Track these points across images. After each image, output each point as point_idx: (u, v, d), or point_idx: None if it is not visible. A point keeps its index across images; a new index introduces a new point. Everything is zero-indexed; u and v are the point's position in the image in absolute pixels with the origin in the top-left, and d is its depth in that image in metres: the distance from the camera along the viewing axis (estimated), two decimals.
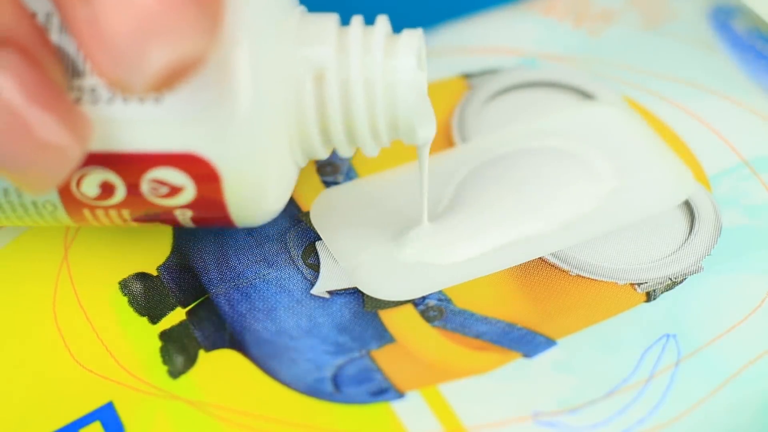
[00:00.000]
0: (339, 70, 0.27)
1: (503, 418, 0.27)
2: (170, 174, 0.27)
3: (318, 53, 0.27)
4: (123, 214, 0.28)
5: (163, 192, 0.27)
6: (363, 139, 0.28)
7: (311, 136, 0.28)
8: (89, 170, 0.27)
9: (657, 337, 0.28)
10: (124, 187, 0.27)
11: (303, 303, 0.30)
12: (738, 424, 0.27)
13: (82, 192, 0.27)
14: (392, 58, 0.27)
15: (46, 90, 0.24)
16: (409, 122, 0.28)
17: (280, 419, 0.27)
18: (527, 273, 0.30)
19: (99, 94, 0.26)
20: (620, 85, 0.34)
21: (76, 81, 0.26)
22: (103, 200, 0.27)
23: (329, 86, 0.27)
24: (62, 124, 0.24)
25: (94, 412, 0.28)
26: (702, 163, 0.32)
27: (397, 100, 0.27)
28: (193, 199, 0.27)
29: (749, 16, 0.35)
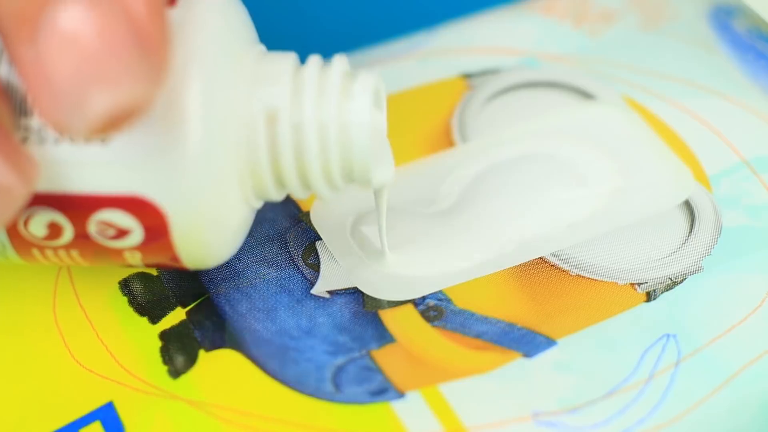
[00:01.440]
0: (292, 112, 0.26)
1: (503, 418, 0.27)
2: (117, 216, 0.26)
3: (271, 93, 0.26)
4: (72, 255, 0.27)
5: (111, 234, 0.27)
6: (316, 183, 0.27)
7: (264, 179, 0.27)
8: (36, 210, 0.26)
9: (657, 337, 0.28)
10: (72, 228, 0.27)
11: (303, 303, 0.30)
12: (738, 424, 0.27)
13: (30, 232, 0.27)
14: (347, 99, 0.27)
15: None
16: (364, 166, 0.27)
17: (280, 419, 0.27)
18: (527, 273, 0.30)
19: (46, 135, 0.25)
20: (620, 85, 0.34)
21: (23, 120, 0.26)
22: (52, 240, 0.27)
23: (281, 128, 0.26)
24: (7, 164, 0.24)
25: (94, 412, 0.28)
26: (702, 163, 0.32)
27: (351, 143, 0.26)
28: (141, 242, 0.27)
29: (749, 16, 0.35)
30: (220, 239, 0.27)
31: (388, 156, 0.28)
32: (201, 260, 0.27)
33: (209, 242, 0.27)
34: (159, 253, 0.27)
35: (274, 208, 0.32)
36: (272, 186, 0.27)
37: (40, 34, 0.23)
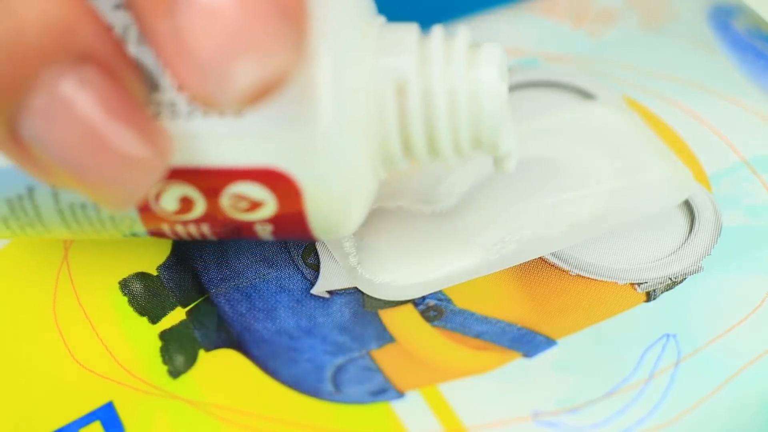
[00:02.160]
0: (421, 81, 0.26)
1: (503, 418, 0.27)
2: (251, 188, 0.26)
3: (399, 64, 0.26)
4: (202, 229, 0.28)
5: (244, 206, 0.27)
6: (445, 151, 0.27)
7: (392, 148, 0.27)
8: (169, 185, 0.26)
9: (657, 337, 0.28)
10: (204, 201, 0.27)
11: (303, 303, 0.30)
12: (738, 424, 0.27)
13: (161, 206, 0.27)
14: (475, 68, 0.27)
15: (126, 105, 0.23)
16: (493, 133, 0.27)
17: (280, 419, 0.27)
18: (527, 273, 0.30)
19: (179, 109, 0.25)
20: (620, 85, 0.34)
21: (154, 95, 0.25)
22: (183, 215, 0.27)
23: (411, 98, 0.26)
24: (143, 139, 0.24)
25: (94, 412, 0.28)
26: (702, 163, 0.32)
27: (481, 111, 0.27)
28: (274, 214, 0.27)
29: (749, 15, 0.35)
30: (351, 209, 0.27)
31: (513, 125, 0.28)
32: (331, 230, 0.27)
33: (341, 212, 0.27)
34: (290, 225, 0.27)
35: None
36: (400, 155, 0.27)
37: (178, 8, 0.22)
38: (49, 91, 0.23)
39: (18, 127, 0.23)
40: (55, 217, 0.27)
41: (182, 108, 0.25)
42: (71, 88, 0.23)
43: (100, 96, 0.23)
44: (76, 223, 0.27)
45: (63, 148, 0.23)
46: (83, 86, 0.23)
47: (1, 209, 0.27)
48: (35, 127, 0.23)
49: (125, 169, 0.24)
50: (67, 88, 0.23)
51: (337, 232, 0.27)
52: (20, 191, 0.27)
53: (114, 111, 0.23)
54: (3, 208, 0.27)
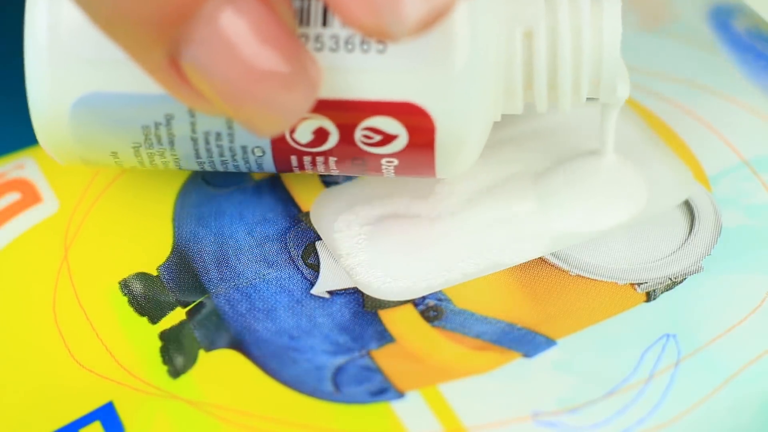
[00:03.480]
0: (548, 28, 0.28)
1: (503, 418, 0.27)
2: (386, 122, 0.27)
3: (527, 11, 0.28)
4: (329, 162, 0.29)
5: (376, 140, 0.28)
6: (563, 95, 0.29)
7: (515, 90, 0.29)
8: (307, 117, 0.27)
9: (657, 337, 0.28)
10: (338, 134, 0.28)
11: (303, 303, 0.30)
12: (738, 424, 0.27)
13: (295, 138, 0.28)
14: (597, 17, 0.28)
15: (282, 34, 0.25)
16: (612, 77, 0.29)
17: (280, 419, 0.27)
18: (527, 273, 0.30)
19: (323, 43, 0.27)
20: None
21: (301, 29, 0.27)
22: (314, 147, 0.28)
23: (537, 41, 0.28)
24: (298, 66, 0.25)
25: (94, 412, 0.28)
26: (702, 163, 0.32)
27: (603, 55, 0.28)
28: (403, 148, 0.28)
29: (749, 16, 0.35)
30: (473, 147, 0.29)
31: (626, 75, 0.30)
32: (453, 168, 0.29)
33: (465, 149, 0.28)
34: (416, 161, 0.28)
35: (274, 208, 0.32)
36: (520, 97, 0.29)
37: None
38: (210, 20, 0.24)
39: (179, 55, 0.24)
40: (188, 146, 0.28)
41: (326, 42, 0.27)
42: (231, 16, 0.24)
43: (258, 24, 0.24)
44: (207, 152, 0.29)
45: (222, 74, 0.24)
46: (242, 15, 0.24)
47: (136, 136, 0.28)
48: (196, 55, 0.24)
49: (279, 95, 0.25)
50: (227, 17, 0.24)
51: (454, 170, 0.29)
52: (158, 119, 0.28)
53: (270, 39, 0.24)
54: (138, 135, 0.28)
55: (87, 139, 0.28)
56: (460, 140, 0.28)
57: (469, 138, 0.28)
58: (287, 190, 0.32)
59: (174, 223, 0.31)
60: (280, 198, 0.32)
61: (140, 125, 0.28)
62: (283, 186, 0.32)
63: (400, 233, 0.31)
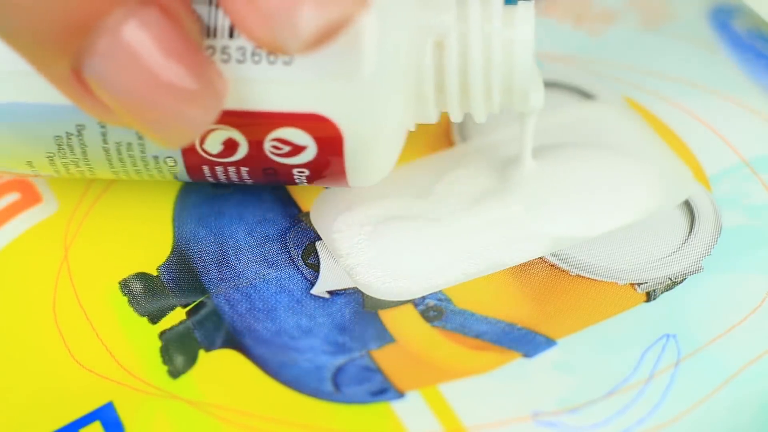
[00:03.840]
0: (459, 37, 0.28)
1: (503, 418, 0.27)
2: (294, 134, 0.27)
3: (439, 20, 0.28)
4: (241, 172, 0.29)
5: (285, 151, 0.28)
6: (476, 103, 0.29)
7: (427, 99, 0.29)
8: (215, 128, 0.27)
9: (657, 337, 0.28)
10: (247, 145, 0.28)
11: (303, 303, 0.30)
12: (738, 424, 0.27)
13: (205, 149, 0.28)
14: (509, 27, 0.28)
15: (186, 47, 0.25)
16: (524, 87, 0.28)
17: (280, 419, 0.27)
18: (527, 273, 0.30)
19: (229, 54, 0.27)
20: (620, 85, 0.34)
21: (207, 41, 0.27)
22: (225, 157, 0.28)
23: (449, 51, 0.28)
24: (202, 78, 0.25)
25: (94, 412, 0.28)
26: (702, 163, 0.32)
27: (514, 65, 0.28)
28: (313, 159, 0.28)
29: (749, 16, 0.35)
30: (385, 157, 0.29)
31: (540, 81, 0.30)
32: (365, 177, 0.29)
33: (375, 159, 0.28)
34: (327, 170, 0.28)
35: (274, 208, 0.32)
36: (433, 107, 0.29)
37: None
38: (113, 32, 0.24)
39: (82, 66, 0.24)
40: (100, 156, 0.29)
41: (233, 53, 0.27)
42: (135, 29, 0.24)
43: (162, 37, 0.24)
44: (120, 162, 0.29)
45: (125, 87, 0.24)
46: (146, 28, 0.24)
47: (49, 146, 0.28)
48: (99, 67, 0.24)
49: (184, 107, 0.25)
50: (130, 29, 0.24)
51: (369, 179, 0.29)
52: (69, 129, 0.28)
53: (175, 51, 0.24)
54: (51, 145, 0.28)
55: (1, 149, 0.29)
56: (370, 150, 0.28)
57: (379, 147, 0.28)
58: (287, 190, 0.32)
59: (174, 223, 0.31)
60: (280, 198, 0.32)
61: (52, 135, 0.28)
62: (283, 186, 0.32)
63: (400, 233, 0.31)
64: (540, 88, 0.30)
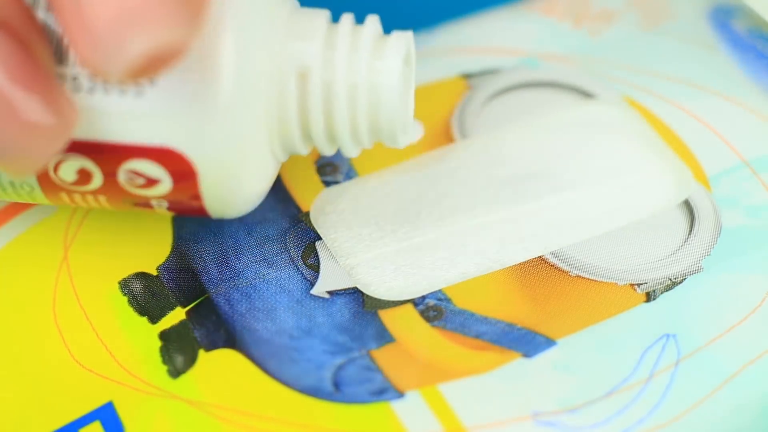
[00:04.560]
0: (324, 69, 0.27)
1: (503, 418, 0.27)
2: (147, 166, 0.27)
3: (304, 50, 0.27)
4: (99, 200, 0.28)
5: (140, 183, 0.27)
6: (343, 140, 0.28)
7: (292, 133, 0.27)
8: (67, 156, 0.27)
9: (657, 337, 0.28)
10: (101, 175, 0.27)
11: (303, 303, 0.30)
12: (738, 424, 0.27)
13: (60, 177, 0.27)
14: (378, 59, 0.27)
15: (34, 73, 0.24)
16: (392, 127, 0.27)
17: (280, 419, 0.27)
18: (527, 273, 0.30)
19: (80, 83, 0.26)
20: (620, 85, 0.34)
21: (59, 68, 0.26)
22: (80, 186, 0.28)
23: (312, 85, 0.27)
24: (49, 106, 0.24)
25: (94, 411, 0.28)
26: (702, 163, 0.32)
27: (380, 104, 0.27)
28: (169, 191, 0.27)
29: (749, 16, 0.35)
30: (246, 190, 0.28)
31: (411, 118, 0.29)
32: (226, 211, 0.28)
33: (235, 193, 0.27)
34: (185, 203, 0.28)
35: (274, 208, 0.32)
36: (299, 140, 0.28)
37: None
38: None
39: None
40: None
41: (84, 83, 0.26)
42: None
43: (8, 63, 0.23)
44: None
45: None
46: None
47: None
48: None
49: (29, 136, 0.24)
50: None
51: (230, 212, 0.28)
52: None
53: (21, 78, 0.24)
54: None
55: None
56: (228, 185, 0.27)
57: (239, 182, 0.27)
58: (287, 190, 0.32)
59: (174, 222, 0.31)
60: (280, 198, 0.32)
61: None
62: (283, 186, 0.32)
63: (401, 233, 0.31)
64: (413, 126, 0.28)
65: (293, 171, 0.32)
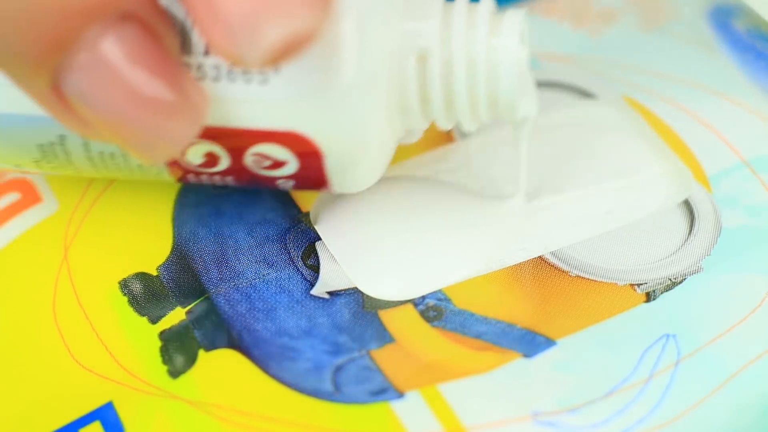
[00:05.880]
0: (443, 48, 0.27)
1: (503, 418, 0.27)
2: (273, 149, 0.27)
3: (423, 29, 0.27)
4: (226, 180, 0.29)
5: (266, 164, 0.28)
6: (462, 116, 0.28)
7: (411, 110, 0.28)
8: (195, 141, 0.28)
9: (657, 337, 0.28)
10: (228, 158, 0.28)
11: (303, 303, 0.30)
12: (738, 424, 0.27)
13: (187, 160, 0.28)
14: (496, 36, 0.28)
15: (165, 61, 0.25)
16: (510, 101, 0.28)
17: (280, 419, 0.28)
18: (527, 274, 0.30)
19: (205, 72, 0.27)
20: (620, 85, 0.34)
21: (185, 58, 0.27)
22: (207, 168, 0.28)
23: (432, 64, 0.27)
24: (181, 95, 0.25)
25: (94, 412, 0.28)
26: (702, 163, 0.32)
27: (499, 79, 0.28)
28: (295, 172, 0.28)
29: (749, 15, 0.35)
30: (369, 167, 0.28)
31: (532, 91, 0.29)
32: (349, 186, 0.29)
33: (358, 170, 0.28)
34: (310, 181, 0.29)
35: (274, 209, 0.32)
36: (418, 117, 0.28)
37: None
38: (91, 47, 0.24)
39: (61, 82, 0.24)
40: (85, 163, 0.29)
41: (209, 71, 0.26)
42: (112, 44, 0.24)
43: (140, 52, 0.24)
44: (105, 168, 0.29)
45: (103, 102, 0.24)
46: (124, 43, 0.24)
47: (33, 153, 0.29)
48: (78, 83, 0.24)
49: (163, 122, 0.25)
50: (108, 44, 0.24)
51: (353, 188, 0.29)
52: (52, 139, 0.28)
53: (153, 66, 0.24)
54: (35, 152, 0.29)
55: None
56: (351, 164, 0.28)
57: (361, 161, 0.28)
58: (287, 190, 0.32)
59: (174, 222, 0.31)
60: (280, 198, 0.32)
61: (35, 144, 0.28)
62: None
63: (400, 233, 0.31)
64: (532, 98, 0.29)
65: None
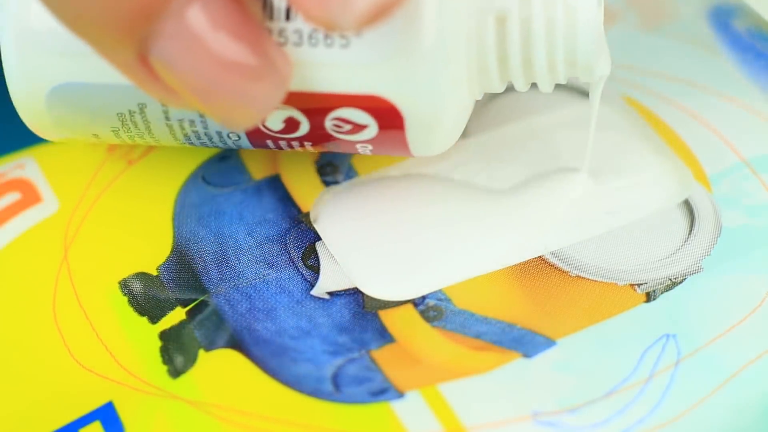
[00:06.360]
0: (521, 8, 0.28)
1: (503, 418, 0.27)
2: (354, 114, 0.28)
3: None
4: (305, 145, 0.29)
5: (346, 129, 0.28)
6: (541, 76, 0.29)
7: (490, 71, 0.28)
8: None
9: (657, 337, 0.28)
10: (308, 123, 0.28)
11: (303, 303, 0.30)
12: (738, 424, 0.27)
13: (267, 126, 0.28)
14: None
15: (250, 27, 0.25)
16: (588, 59, 0.28)
17: (280, 419, 0.27)
18: (527, 273, 0.30)
19: (287, 37, 0.27)
20: (620, 85, 0.34)
21: (268, 24, 0.27)
22: (287, 134, 0.29)
23: (511, 24, 0.28)
24: (267, 61, 0.25)
25: (94, 411, 0.28)
26: (702, 163, 0.32)
27: (577, 38, 0.28)
28: (375, 136, 0.28)
29: (749, 15, 0.35)
30: (448, 130, 0.29)
31: (606, 50, 0.30)
32: (428, 149, 0.29)
33: (438, 132, 0.28)
34: (390, 145, 0.29)
35: (274, 208, 0.32)
36: (497, 78, 0.29)
37: None
38: (177, 15, 0.24)
39: (147, 51, 0.25)
40: (164, 131, 0.29)
41: (291, 36, 0.27)
42: (198, 11, 0.24)
43: (226, 18, 0.24)
44: (184, 136, 0.29)
45: (191, 68, 0.25)
46: (209, 9, 0.24)
47: (113, 122, 0.29)
48: (164, 50, 0.24)
49: (249, 87, 0.25)
50: (194, 12, 0.24)
51: (433, 151, 0.29)
52: (132, 107, 0.28)
53: (238, 32, 0.25)
54: (114, 121, 0.29)
55: (65, 123, 0.29)
56: (431, 127, 0.28)
57: (441, 122, 0.28)
58: (287, 190, 0.32)
59: (174, 222, 0.31)
60: (280, 198, 0.32)
61: (115, 112, 0.29)
62: (283, 186, 0.32)
63: (400, 233, 0.31)
64: (607, 58, 0.30)
65: (294, 171, 0.32)
